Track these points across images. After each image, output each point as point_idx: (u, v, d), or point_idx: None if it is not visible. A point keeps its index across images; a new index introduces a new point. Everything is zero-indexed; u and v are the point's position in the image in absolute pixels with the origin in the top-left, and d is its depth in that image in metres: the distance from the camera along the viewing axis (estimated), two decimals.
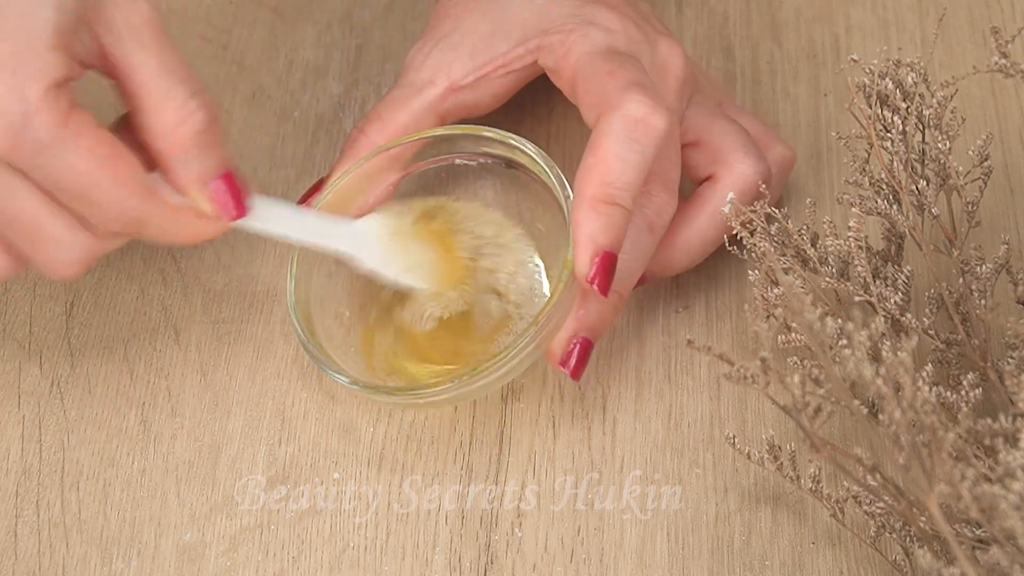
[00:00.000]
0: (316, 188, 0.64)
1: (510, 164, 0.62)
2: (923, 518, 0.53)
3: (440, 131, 0.62)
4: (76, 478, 0.61)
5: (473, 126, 0.62)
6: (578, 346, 0.59)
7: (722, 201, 0.62)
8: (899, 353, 0.47)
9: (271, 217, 0.58)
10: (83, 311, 0.65)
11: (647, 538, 0.59)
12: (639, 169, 0.57)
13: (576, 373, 0.59)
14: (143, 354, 0.64)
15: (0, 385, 0.63)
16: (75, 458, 0.61)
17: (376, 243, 0.61)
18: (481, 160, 0.62)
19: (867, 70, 0.58)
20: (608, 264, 0.56)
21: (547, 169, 0.60)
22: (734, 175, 0.62)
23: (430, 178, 0.64)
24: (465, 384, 0.57)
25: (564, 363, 0.59)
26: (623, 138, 0.57)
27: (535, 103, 0.70)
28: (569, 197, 0.58)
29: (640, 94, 0.57)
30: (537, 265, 0.63)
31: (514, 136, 0.61)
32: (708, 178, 0.63)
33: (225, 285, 0.66)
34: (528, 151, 0.60)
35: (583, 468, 0.61)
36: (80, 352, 0.64)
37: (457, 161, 0.63)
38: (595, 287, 0.56)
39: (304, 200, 0.64)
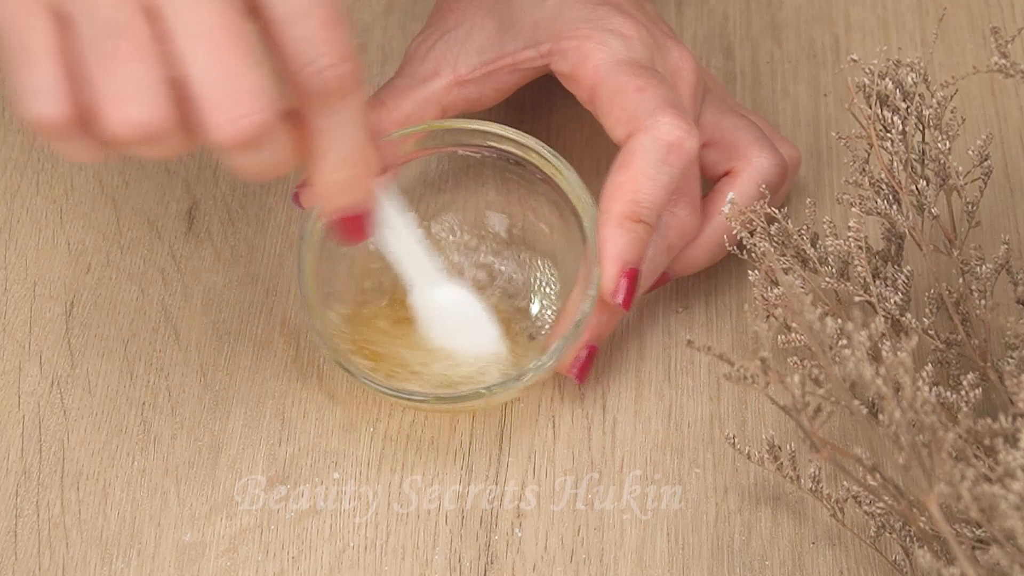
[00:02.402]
0: None
1: (518, 162, 0.61)
2: (923, 518, 0.53)
3: (450, 123, 0.62)
4: (76, 478, 0.61)
5: (484, 121, 0.61)
6: (586, 352, 0.60)
7: (743, 195, 0.61)
8: (899, 353, 0.47)
9: (390, 225, 0.57)
10: (83, 311, 0.65)
11: (647, 538, 0.59)
12: (667, 189, 0.58)
13: (581, 377, 0.60)
14: (143, 354, 0.64)
15: (0, 385, 0.63)
16: (75, 458, 0.61)
17: (447, 311, 0.60)
18: (485, 153, 0.62)
19: (867, 70, 0.58)
20: (632, 280, 0.58)
21: (568, 179, 0.60)
22: (753, 167, 0.62)
23: (431, 167, 0.63)
24: (488, 396, 0.58)
25: (570, 369, 0.60)
26: (655, 160, 0.57)
27: (536, 100, 0.70)
28: (589, 202, 0.58)
29: (673, 116, 0.57)
30: (539, 265, 0.63)
31: (533, 138, 0.61)
32: (726, 174, 0.63)
33: (225, 285, 0.66)
34: (545, 154, 0.60)
35: (583, 468, 0.61)
36: (80, 352, 0.64)
37: (460, 152, 0.63)
38: (619, 301, 0.57)
39: (302, 185, 0.63)
